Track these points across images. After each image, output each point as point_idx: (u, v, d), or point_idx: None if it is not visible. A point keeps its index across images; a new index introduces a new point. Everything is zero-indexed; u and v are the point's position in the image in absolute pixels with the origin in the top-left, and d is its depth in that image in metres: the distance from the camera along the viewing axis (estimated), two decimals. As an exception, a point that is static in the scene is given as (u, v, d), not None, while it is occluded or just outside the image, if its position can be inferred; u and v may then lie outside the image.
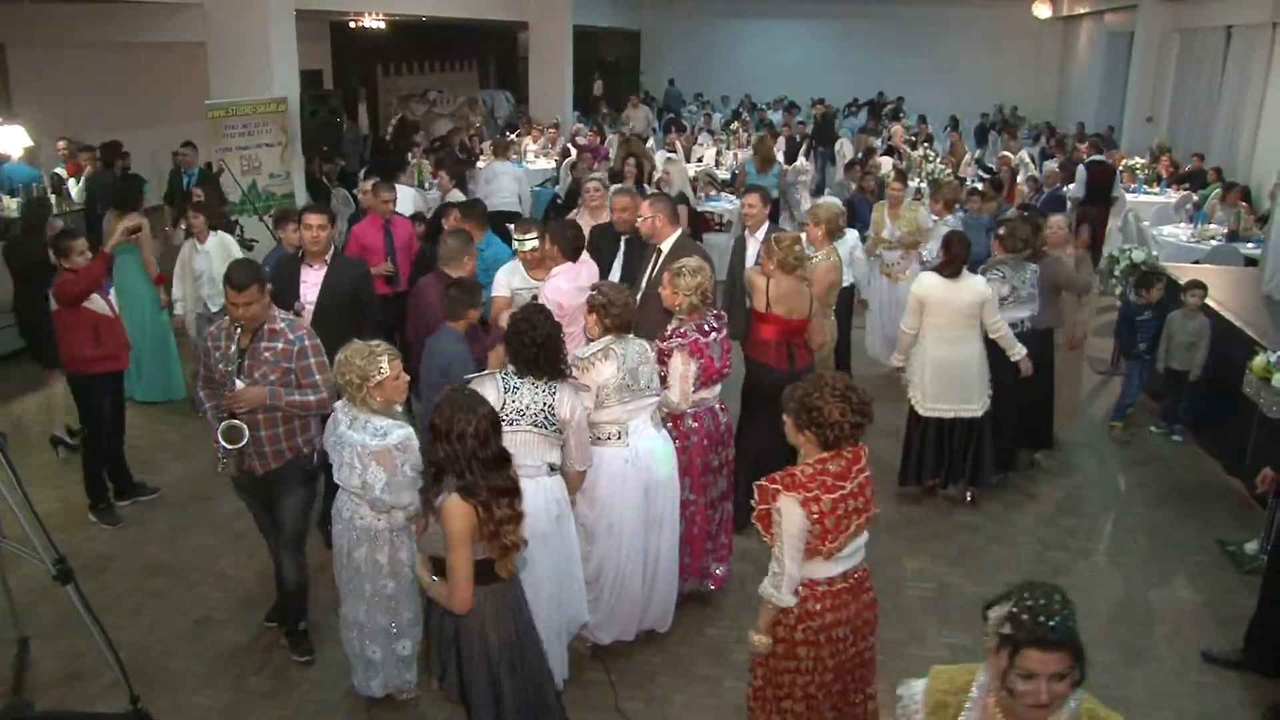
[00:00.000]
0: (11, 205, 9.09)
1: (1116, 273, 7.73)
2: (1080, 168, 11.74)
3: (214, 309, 6.90)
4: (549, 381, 3.87)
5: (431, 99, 18.58)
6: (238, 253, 7.04)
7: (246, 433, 4.12)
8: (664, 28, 26.04)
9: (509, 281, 5.55)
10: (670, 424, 4.60)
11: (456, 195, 8.78)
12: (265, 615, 4.80)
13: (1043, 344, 6.23)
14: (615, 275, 6.01)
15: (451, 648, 3.36)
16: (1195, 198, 11.66)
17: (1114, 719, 2.20)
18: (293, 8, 10.02)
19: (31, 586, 4.78)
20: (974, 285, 5.74)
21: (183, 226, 7.82)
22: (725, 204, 12.08)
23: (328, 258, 5.33)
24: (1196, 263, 9.29)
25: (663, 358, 4.51)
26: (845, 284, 6.88)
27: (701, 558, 4.83)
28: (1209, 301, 6.94)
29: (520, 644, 3.36)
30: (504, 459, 3.19)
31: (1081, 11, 21.02)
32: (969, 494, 6.10)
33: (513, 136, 14.79)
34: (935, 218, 8.11)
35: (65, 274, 5.54)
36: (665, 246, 5.51)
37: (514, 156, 12.89)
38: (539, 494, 3.87)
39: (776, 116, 20.02)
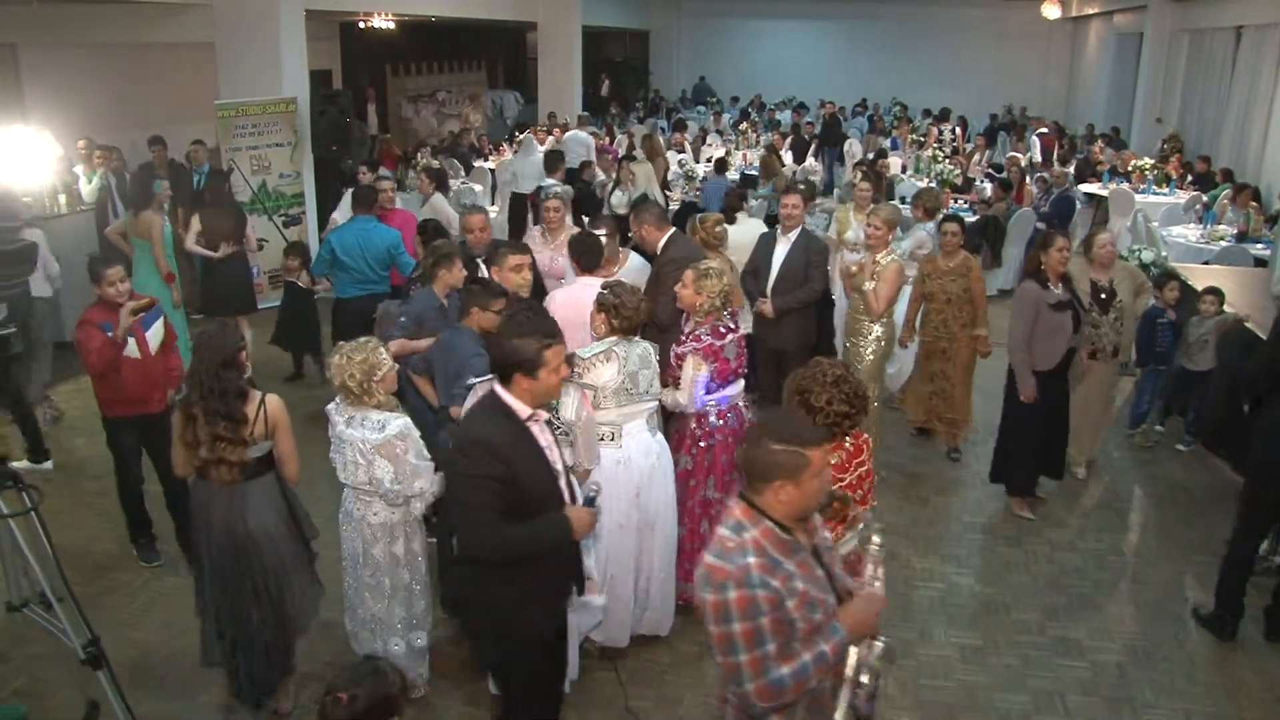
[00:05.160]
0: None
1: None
2: (1033, 136, 15.36)
3: None
4: None
5: (440, 99, 18.64)
6: None
7: None
8: (672, 28, 26.06)
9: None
10: (695, 423, 4.58)
11: (437, 199, 8.55)
12: None
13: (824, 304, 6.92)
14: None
15: None
16: (1205, 198, 11.63)
17: None
18: (302, 8, 10.06)
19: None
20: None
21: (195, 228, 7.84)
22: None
23: None
24: (1206, 263, 9.25)
25: (678, 360, 4.50)
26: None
27: None
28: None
29: (246, 556, 3.83)
30: (232, 391, 3.72)
31: (1090, 12, 20.96)
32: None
33: (521, 136, 14.81)
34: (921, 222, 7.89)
35: (90, 309, 4.94)
36: (659, 249, 5.55)
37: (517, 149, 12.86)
38: None
39: (785, 117, 20.04)
